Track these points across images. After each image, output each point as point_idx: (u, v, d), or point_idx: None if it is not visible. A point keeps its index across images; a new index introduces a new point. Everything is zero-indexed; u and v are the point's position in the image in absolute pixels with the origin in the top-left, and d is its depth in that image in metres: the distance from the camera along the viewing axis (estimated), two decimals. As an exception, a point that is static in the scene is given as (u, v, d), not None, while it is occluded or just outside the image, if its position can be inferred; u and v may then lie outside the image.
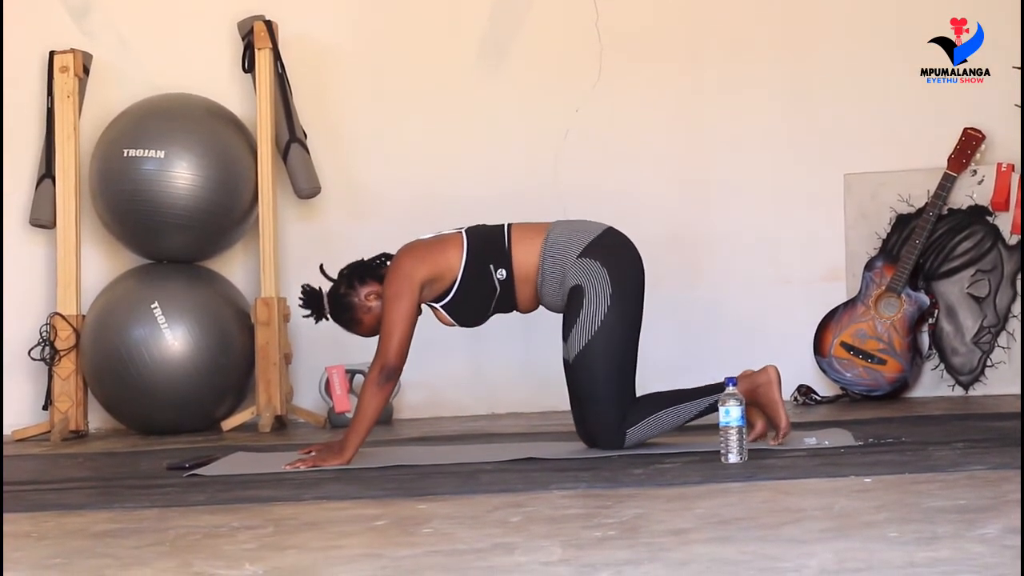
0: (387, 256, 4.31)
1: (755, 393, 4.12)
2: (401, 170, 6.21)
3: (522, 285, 4.21)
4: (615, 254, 4.19)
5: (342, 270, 4.31)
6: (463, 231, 4.27)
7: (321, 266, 4.38)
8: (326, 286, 4.35)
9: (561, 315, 4.21)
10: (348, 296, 4.25)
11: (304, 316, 4.39)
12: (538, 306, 4.30)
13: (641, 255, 4.26)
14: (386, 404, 4.25)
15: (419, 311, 4.23)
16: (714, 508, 3.06)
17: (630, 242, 4.27)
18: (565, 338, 4.16)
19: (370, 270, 4.28)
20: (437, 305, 4.23)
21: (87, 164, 6.05)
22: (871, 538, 2.53)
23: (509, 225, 4.26)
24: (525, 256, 4.18)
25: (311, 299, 4.31)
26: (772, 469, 3.62)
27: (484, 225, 4.31)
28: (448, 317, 4.26)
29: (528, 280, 4.20)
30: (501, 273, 4.19)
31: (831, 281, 6.03)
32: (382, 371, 4.12)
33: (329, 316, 4.31)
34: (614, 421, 4.12)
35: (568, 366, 4.17)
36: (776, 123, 6.12)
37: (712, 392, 4.11)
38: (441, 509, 3.25)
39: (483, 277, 4.19)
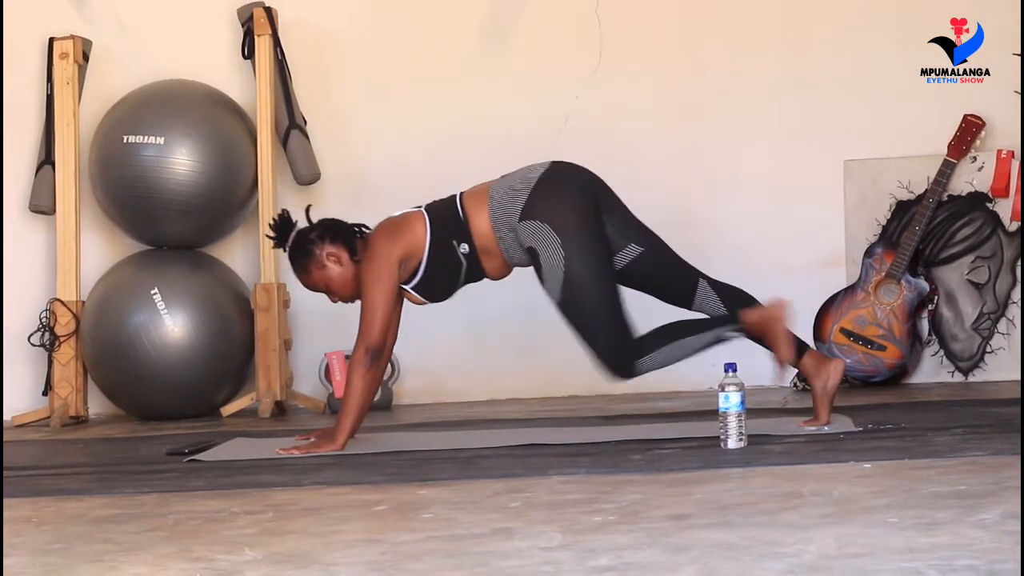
0: (364, 227, 4.28)
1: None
2: (401, 155, 6.20)
3: (486, 257, 4.17)
4: (554, 202, 4.10)
5: (323, 219, 4.28)
6: (422, 208, 4.23)
7: (308, 207, 4.33)
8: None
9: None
10: (313, 244, 4.20)
11: (266, 235, 4.40)
12: (509, 271, 4.27)
13: (597, 176, 4.20)
14: (376, 387, 4.24)
15: (400, 292, 4.22)
16: (713, 493, 3.06)
17: (572, 175, 4.19)
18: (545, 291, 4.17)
19: (344, 234, 4.23)
20: (408, 287, 4.22)
21: (87, 150, 6.05)
22: (871, 523, 2.53)
23: (461, 195, 4.22)
24: (481, 227, 4.15)
25: (282, 227, 4.27)
26: (771, 455, 3.61)
27: (438, 200, 4.26)
28: (419, 297, 4.25)
29: (491, 252, 4.16)
30: (464, 247, 4.16)
31: (831, 267, 6.02)
32: (366, 352, 4.10)
33: (286, 249, 4.28)
34: (621, 351, 4.08)
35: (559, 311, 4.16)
36: (776, 109, 6.11)
37: (720, 324, 4.11)
38: (441, 494, 3.25)
39: (448, 253, 4.16)
